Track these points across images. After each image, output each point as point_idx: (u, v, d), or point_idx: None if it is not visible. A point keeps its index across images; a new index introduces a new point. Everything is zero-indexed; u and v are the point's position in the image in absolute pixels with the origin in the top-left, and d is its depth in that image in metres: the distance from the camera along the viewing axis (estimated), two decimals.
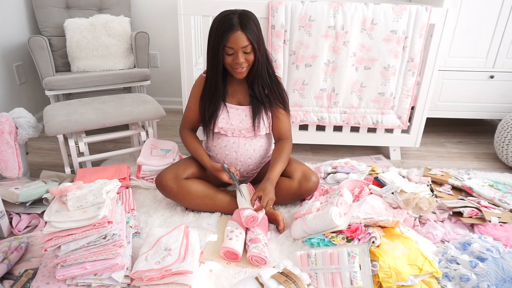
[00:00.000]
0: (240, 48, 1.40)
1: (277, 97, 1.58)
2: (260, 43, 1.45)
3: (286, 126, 1.65)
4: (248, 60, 1.45)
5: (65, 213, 1.13)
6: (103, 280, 1.15)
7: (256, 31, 1.42)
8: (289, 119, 1.67)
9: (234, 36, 1.38)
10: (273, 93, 1.57)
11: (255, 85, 1.54)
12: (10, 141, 1.69)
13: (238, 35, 1.38)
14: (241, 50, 1.41)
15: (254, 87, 1.54)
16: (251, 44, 1.41)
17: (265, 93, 1.56)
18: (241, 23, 1.38)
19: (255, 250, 1.30)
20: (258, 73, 1.51)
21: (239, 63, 1.43)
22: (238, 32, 1.38)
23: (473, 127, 2.80)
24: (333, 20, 1.88)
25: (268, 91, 1.56)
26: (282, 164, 1.56)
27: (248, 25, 1.39)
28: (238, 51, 1.41)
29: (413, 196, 1.50)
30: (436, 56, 1.99)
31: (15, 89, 2.41)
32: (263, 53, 1.49)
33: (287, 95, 1.64)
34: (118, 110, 1.85)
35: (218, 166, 1.56)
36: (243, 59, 1.43)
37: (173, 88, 3.04)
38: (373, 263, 1.17)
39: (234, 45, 1.39)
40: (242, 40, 1.39)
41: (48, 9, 2.43)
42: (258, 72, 1.50)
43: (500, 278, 1.18)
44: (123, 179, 1.73)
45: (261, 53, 1.46)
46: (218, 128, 1.59)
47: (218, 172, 1.55)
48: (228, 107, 1.58)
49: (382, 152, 2.32)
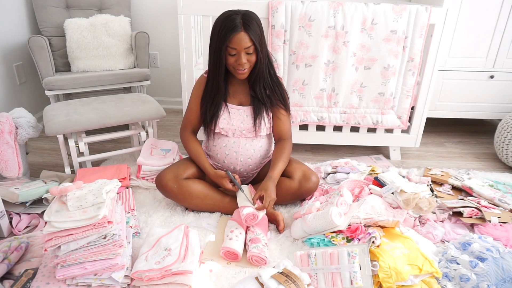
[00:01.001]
0: (242, 49, 1.40)
1: (278, 97, 1.58)
2: (262, 43, 1.45)
3: (287, 127, 1.65)
4: (250, 61, 1.44)
5: (65, 213, 1.13)
6: (103, 280, 1.15)
7: (258, 32, 1.42)
8: (290, 119, 1.67)
9: (237, 36, 1.37)
10: (274, 93, 1.56)
11: (257, 85, 1.54)
12: (10, 141, 1.69)
13: (241, 36, 1.37)
14: (244, 50, 1.40)
15: (255, 87, 1.54)
16: (253, 45, 1.40)
17: (267, 93, 1.56)
18: (244, 23, 1.37)
19: (255, 250, 1.30)
20: (260, 74, 1.50)
21: (241, 64, 1.42)
22: (241, 32, 1.37)
23: (473, 127, 2.80)
24: (333, 20, 1.88)
25: (270, 91, 1.56)
26: (283, 163, 1.56)
27: (251, 26, 1.38)
28: (240, 52, 1.40)
29: (413, 196, 1.50)
30: (436, 56, 1.99)
31: (15, 89, 2.41)
32: (265, 53, 1.49)
33: (288, 95, 1.64)
34: (118, 110, 1.85)
35: (222, 173, 1.54)
36: (245, 60, 1.42)
37: (173, 88, 3.04)
38: (373, 263, 1.17)
39: (237, 45, 1.39)
40: (245, 41, 1.38)
41: (48, 9, 2.43)
42: (260, 72, 1.50)
43: (500, 278, 1.18)
44: (123, 179, 1.73)
45: (263, 54, 1.46)
46: (219, 128, 1.59)
47: (221, 179, 1.53)
48: (229, 107, 1.58)
49: (382, 152, 2.32)
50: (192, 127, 1.68)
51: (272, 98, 1.57)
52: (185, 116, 1.68)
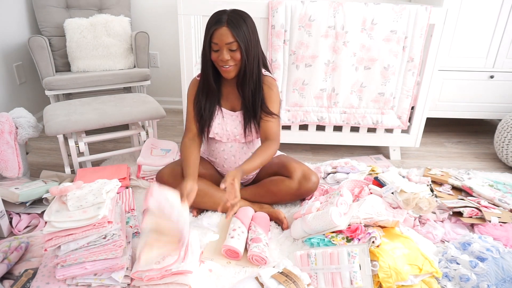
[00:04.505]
0: (224, 44, 1.37)
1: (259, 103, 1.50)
2: (250, 43, 1.40)
3: (273, 129, 1.55)
4: (234, 58, 1.40)
5: (65, 213, 1.13)
6: (103, 280, 1.15)
7: (245, 30, 1.38)
8: (278, 123, 1.58)
9: (219, 31, 1.36)
10: (256, 98, 1.50)
11: (245, 88, 1.49)
12: (10, 141, 1.69)
13: (223, 31, 1.35)
14: (226, 46, 1.37)
15: (243, 90, 1.50)
16: (236, 41, 1.37)
17: (252, 97, 1.51)
18: (229, 19, 1.35)
19: (256, 250, 1.30)
20: (247, 76, 1.45)
21: (223, 60, 1.39)
22: (223, 27, 1.35)
23: (473, 127, 2.80)
24: (333, 20, 1.88)
25: (254, 95, 1.50)
26: (261, 160, 1.44)
27: (236, 22, 1.36)
28: (222, 48, 1.38)
29: (413, 196, 1.50)
30: (436, 56, 1.99)
31: (15, 89, 2.41)
32: (255, 55, 1.44)
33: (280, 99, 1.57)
34: (118, 110, 1.85)
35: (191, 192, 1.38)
36: (228, 56, 1.39)
37: (173, 88, 3.04)
38: (373, 263, 1.17)
39: (219, 40, 1.37)
40: (226, 36, 1.36)
41: (48, 9, 2.43)
42: (246, 74, 1.45)
43: (500, 278, 1.18)
44: (123, 179, 1.73)
45: (251, 53, 1.41)
46: (213, 133, 1.57)
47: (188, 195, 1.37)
48: (223, 112, 1.57)
49: (382, 152, 2.32)
50: (191, 133, 1.61)
51: (257, 103, 1.51)
52: (186, 123, 1.64)
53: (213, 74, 1.49)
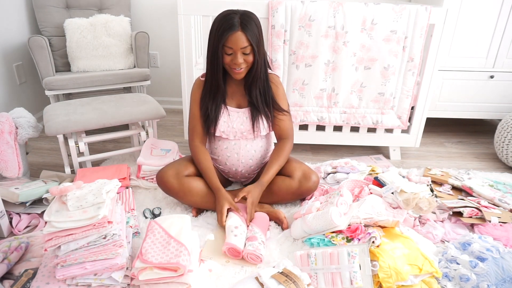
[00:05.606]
0: (239, 49, 1.39)
1: (271, 102, 1.56)
2: (260, 45, 1.43)
3: (286, 126, 1.62)
4: (247, 61, 1.43)
5: (65, 213, 1.12)
6: (103, 280, 1.15)
7: (256, 33, 1.41)
8: (290, 118, 1.65)
9: (234, 36, 1.37)
10: (267, 97, 1.55)
11: (253, 87, 1.52)
12: (10, 141, 1.69)
13: (238, 36, 1.37)
14: (241, 50, 1.39)
15: (251, 89, 1.53)
16: (250, 45, 1.39)
17: (261, 96, 1.54)
18: (242, 23, 1.37)
19: (250, 248, 1.31)
20: (257, 76, 1.49)
21: (237, 63, 1.42)
22: (238, 32, 1.36)
23: (473, 127, 2.80)
24: (333, 20, 1.88)
25: (264, 95, 1.54)
26: (278, 166, 1.57)
27: (249, 26, 1.38)
28: (237, 52, 1.40)
29: (413, 196, 1.50)
30: (436, 56, 1.99)
31: (15, 89, 2.41)
32: (263, 55, 1.47)
33: (286, 96, 1.63)
34: (118, 110, 1.85)
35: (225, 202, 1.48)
36: (242, 59, 1.41)
37: (173, 88, 3.04)
38: (373, 263, 1.17)
39: (234, 45, 1.38)
40: (242, 40, 1.37)
41: (48, 9, 2.43)
42: (256, 74, 1.48)
43: (500, 278, 1.18)
44: (123, 179, 1.73)
45: (260, 55, 1.45)
46: (220, 132, 1.58)
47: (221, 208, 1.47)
48: (229, 110, 1.58)
49: (382, 152, 2.32)
50: (199, 136, 1.61)
51: (268, 102, 1.55)
52: (190, 125, 1.63)
53: (222, 75, 1.50)
